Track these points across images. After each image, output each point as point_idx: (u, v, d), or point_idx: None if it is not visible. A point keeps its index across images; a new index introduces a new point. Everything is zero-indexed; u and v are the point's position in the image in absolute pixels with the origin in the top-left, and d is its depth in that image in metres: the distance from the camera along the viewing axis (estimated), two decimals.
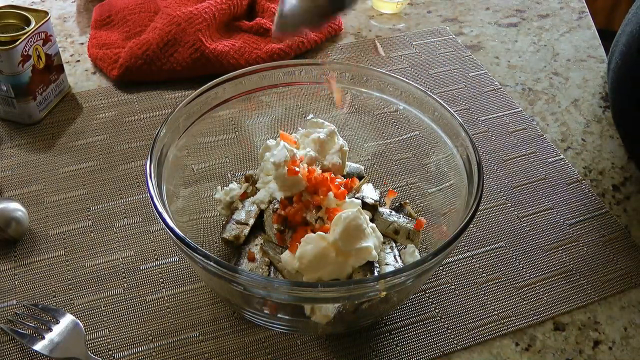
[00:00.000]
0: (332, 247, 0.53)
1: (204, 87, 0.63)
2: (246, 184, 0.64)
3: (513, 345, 0.59)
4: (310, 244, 0.53)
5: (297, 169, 0.59)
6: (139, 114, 0.81)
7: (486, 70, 0.90)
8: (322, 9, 0.52)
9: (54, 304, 0.60)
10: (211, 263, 0.48)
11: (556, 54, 0.94)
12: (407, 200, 0.66)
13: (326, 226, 0.56)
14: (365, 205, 0.60)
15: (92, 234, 0.66)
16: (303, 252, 0.53)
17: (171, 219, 0.51)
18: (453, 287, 0.63)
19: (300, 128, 0.68)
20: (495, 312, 0.61)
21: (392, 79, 0.66)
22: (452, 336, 0.59)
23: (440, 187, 0.64)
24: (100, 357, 0.56)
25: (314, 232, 0.55)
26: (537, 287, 0.63)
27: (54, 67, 0.79)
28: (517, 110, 0.84)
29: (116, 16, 0.94)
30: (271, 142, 0.65)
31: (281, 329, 0.57)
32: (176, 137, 0.60)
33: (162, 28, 0.85)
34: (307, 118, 0.68)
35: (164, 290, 0.61)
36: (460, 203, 0.58)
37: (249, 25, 0.91)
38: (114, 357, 0.56)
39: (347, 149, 0.65)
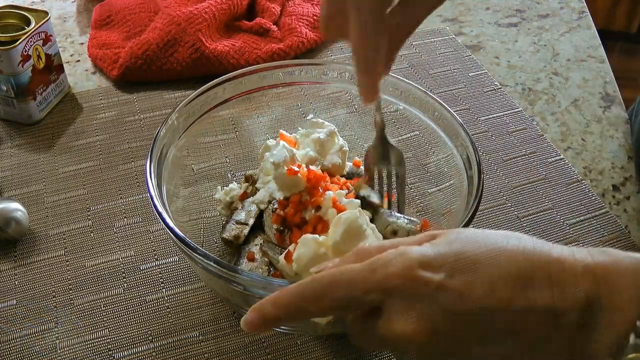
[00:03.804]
0: (330, 249, 0.53)
1: (204, 87, 0.63)
2: (246, 184, 0.64)
3: None
4: (305, 246, 0.53)
5: (296, 169, 0.59)
6: (139, 114, 0.81)
7: (486, 70, 0.90)
8: None
9: (54, 304, 0.60)
10: (211, 263, 0.48)
11: (556, 54, 0.94)
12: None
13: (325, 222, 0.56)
14: (365, 205, 0.60)
15: (92, 234, 0.66)
16: (299, 254, 0.53)
17: (171, 219, 0.51)
18: None
19: (300, 128, 0.68)
20: None
21: (392, 79, 0.66)
22: None
23: (440, 187, 0.64)
24: (100, 357, 0.56)
25: (313, 232, 0.55)
26: None
27: (54, 67, 0.79)
28: (517, 110, 0.84)
29: (116, 16, 0.94)
30: (271, 142, 0.65)
31: (281, 329, 0.57)
32: (176, 137, 0.60)
33: (162, 28, 0.85)
34: (307, 118, 0.68)
35: (164, 290, 0.61)
36: (460, 203, 0.58)
37: (249, 25, 0.91)
38: (114, 357, 0.56)
39: (347, 149, 0.65)
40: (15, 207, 0.64)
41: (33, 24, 0.74)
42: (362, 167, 0.69)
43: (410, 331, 0.38)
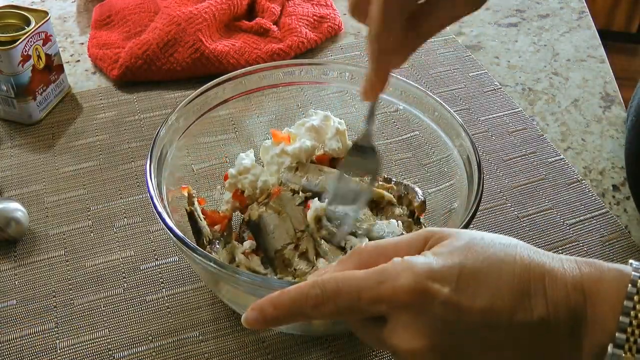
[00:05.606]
0: None
1: (204, 87, 0.63)
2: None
3: None
4: None
5: None
6: (139, 114, 0.81)
7: (486, 70, 0.90)
8: None
9: (54, 304, 0.60)
10: (211, 263, 0.48)
11: (556, 54, 0.94)
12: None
13: None
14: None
15: (92, 234, 0.66)
16: None
17: (171, 219, 0.51)
18: None
19: None
20: None
21: (392, 79, 0.65)
22: None
23: (440, 187, 0.64)
24: (100, 357, 0.56)
25: None
26: None
27: (54, 67, 0.79)
28: (517, 110, 0.84)
29: (116, 16, 0.94)
30: (267, 143, 0.65)
31: (281, 329, 0.57)
32: (176, 137, 0.60)
33: (162, 28, 0.85)
34: None
35: (164, 290, 0.61)
36: (461, 203, 0.58)
37: (249, 25, 0.91)
38: (114, 357, 0.56)
39: (344, 127, 0.65)
40: (15, 207, 0.64)
41: (33, 24, 0.74)
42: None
43: (414, 347, 0.39)
